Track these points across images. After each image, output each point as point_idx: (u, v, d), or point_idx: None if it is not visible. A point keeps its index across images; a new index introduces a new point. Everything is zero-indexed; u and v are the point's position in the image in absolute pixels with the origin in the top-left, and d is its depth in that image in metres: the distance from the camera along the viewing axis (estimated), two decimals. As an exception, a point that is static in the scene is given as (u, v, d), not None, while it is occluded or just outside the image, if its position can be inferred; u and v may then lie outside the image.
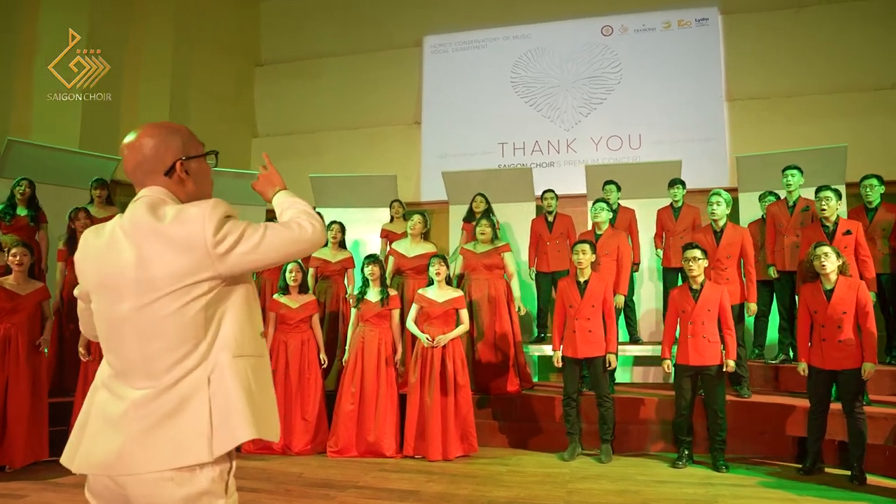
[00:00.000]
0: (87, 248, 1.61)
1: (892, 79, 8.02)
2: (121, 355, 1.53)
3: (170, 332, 1.50)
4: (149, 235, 1.50)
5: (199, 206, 1.53)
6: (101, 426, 1.51)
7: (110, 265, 1.53)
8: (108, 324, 1.55)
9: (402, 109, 9.77)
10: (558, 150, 9.20)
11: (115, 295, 1.52)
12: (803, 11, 8.34)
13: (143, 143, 1.61)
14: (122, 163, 1.65)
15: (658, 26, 8.93)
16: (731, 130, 8.56)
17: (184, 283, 1.50)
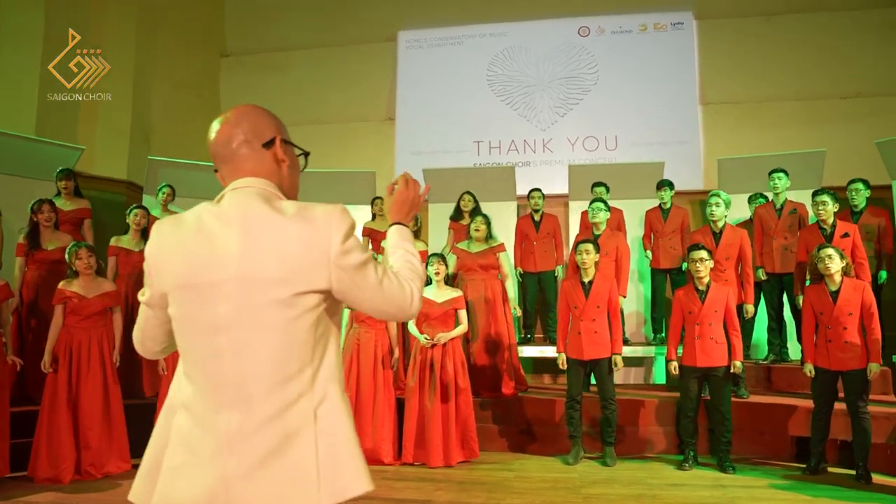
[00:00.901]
0: (164, 240, 1.32)
1: (855, 88, 8.29)
2: (210, 371, 1.26)
3: (276, 346, 1.25)
4: (264, 227, 1.26)
5: (326, 207, 1.33)
6: (185, 459, 1.25)
7: (204, 260, 1.26)
8: (195, 332, 1.27)
9: (375, 105, 9.52)
10: (534, 149, 9.15)
11: (209, 296, 1.25)
12: (773, 20, 8.54)
13: (242, 113, 1.40)
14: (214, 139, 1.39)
15: (634, 29, 8.99)
16: (704, 134, 8.69)
17: (297, 290, 1.25)
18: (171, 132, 8.70)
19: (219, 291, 1.25)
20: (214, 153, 1.40)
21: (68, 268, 4.63)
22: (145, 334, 1.43)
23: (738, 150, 7.90)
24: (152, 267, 1.34)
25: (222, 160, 1.39)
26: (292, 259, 1.25)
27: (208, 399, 1.26)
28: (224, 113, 1.41)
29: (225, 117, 1.40)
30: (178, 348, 1.34)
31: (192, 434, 1.26)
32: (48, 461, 4.39)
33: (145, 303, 1.39)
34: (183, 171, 7.33)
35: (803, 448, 4.96)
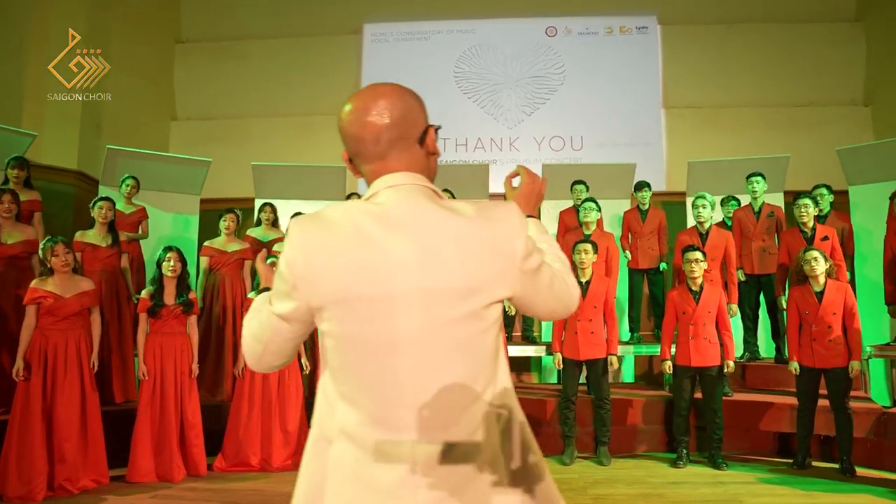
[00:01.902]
0: (314, 246, 1.11)
1: (808, 98, 8.69)
2: (385, 395, 1.10)
3: (465, 364, 1.11)
4: (442, 231, 1.11)
5: (503, 205, 1.18)
6: (358, 495, 1.10)
7: (371, 270, 1.09)
8: (364, 351, 1.11)
9: (338, 99, 9.01)
10: (501, 147, 9.15)
11: (382, 311, 1.09)
12: (733, 28, 8.83)
13: (393, 104, 1.19)
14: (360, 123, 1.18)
15: (601, 31, 9.11)
16: (667, 136, 8.90)
17: (486, 301, 1.12)
18: (123, 120, 8.22)
19: (394, 305, 1.09)
20: (358, 150, 1.21)
21: (42, 265, 4.27)
22: (269, 348, 1.21)
23: (699, 154, 8.11)
24: (300, 277, 1.12)
25: (367, 157, 1.20)
26: (479, 266, 1.11)
27: (382, 426, 1.10)
28: (365, 98, 1.20)
29: (372, 107, 1.18)
30: (334, 369, 1.14)
31: (362, 466, 1.10)
32: (18, 477, 4.03)
33: (283, 316, 1.16)
34: (144, 161, 6.92)
35: (785, 444, 5.16)
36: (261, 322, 1.21)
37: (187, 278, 4.73)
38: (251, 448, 4.76)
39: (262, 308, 1.21)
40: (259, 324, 1.21)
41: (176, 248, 4.74)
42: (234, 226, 5.92)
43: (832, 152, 6.81)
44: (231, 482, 4.47)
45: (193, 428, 4.58)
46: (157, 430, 4.49)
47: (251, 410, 4.81)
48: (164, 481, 4.43)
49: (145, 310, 4.53)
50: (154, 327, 4.57)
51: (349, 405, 1.13)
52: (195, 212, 7.38)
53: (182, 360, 4.59)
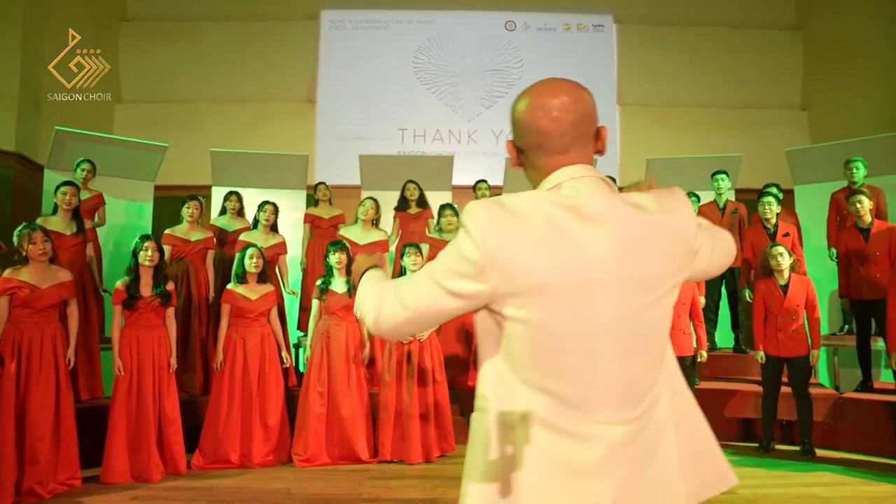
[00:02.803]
0: (509, 233, 1.11)
1: (750, 100, 9.12)
2: (581, 379, 1.13)
3: (654, 347, 1.18)
4: (634, 224, 1.14)
5: (675, 194, 1.22)
6: (557, 476, 1.12)
7: (569, 258, 1.11)
8: (562, 337, 1.12)
9: (294, 86, 9.06)
10: (459, 140, 9.17)
11: (582, 297, 1.11)
12: (685, 30, 9.16)
13: (585, 96, 1.21)
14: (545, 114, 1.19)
15: (558, 27, 9.26)
16: (621, 133, 9.16)
17: (671, 286, 1.18)
18: (64, 103, 7.74)
19: (593, 293, 1.11)
20: (541, 143, 1.20)
21: (17, 253, 3.99)
22: (419, 318, 1.21)
23: (651, 151, 8.40)
24: (491, 262, 1.11)
25: (550, 150, 1.20)
26: (669, 257, 1.17)
27: (576, 409, 1.13)
28: (549, 92, 1.20)
29: (558, 102, 1.18)
30: (519, 355, 1.15)
31: (558, 449, 1.12)
32: (-15, 480, 3.78)
33: (458, 293, 1.15)
34: (95, 145, 6.55)
35: (747, 429, 5.44)
36: (417, 291, 1.20)
37: (164, 269, 4.53)
38: (231, 444, 4.62)
39: (422, 278, 1.20)
40: (414, 292, 1.20)
41: (152, 237, 4.53)
42: (199, 213, 5.71)
43: (774, 152, 7.21)
44: (213, 479, 4.33)
45: (173, 424, 4.40)
46: (134, 428, 4.29)
47: (231, 405, 4.67)
48: (140, 481, 4.24)
49: (121, 302, 4.31)
50: (129, 320, 4.36)
51: (536, 390, 1.14)
52: (149, 199, 7.07)
53: (160, 355, 4.40)
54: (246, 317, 4.80)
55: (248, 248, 4.90)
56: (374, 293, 1.28)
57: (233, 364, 4.72)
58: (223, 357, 4.75)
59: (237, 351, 4.75)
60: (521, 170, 1.31)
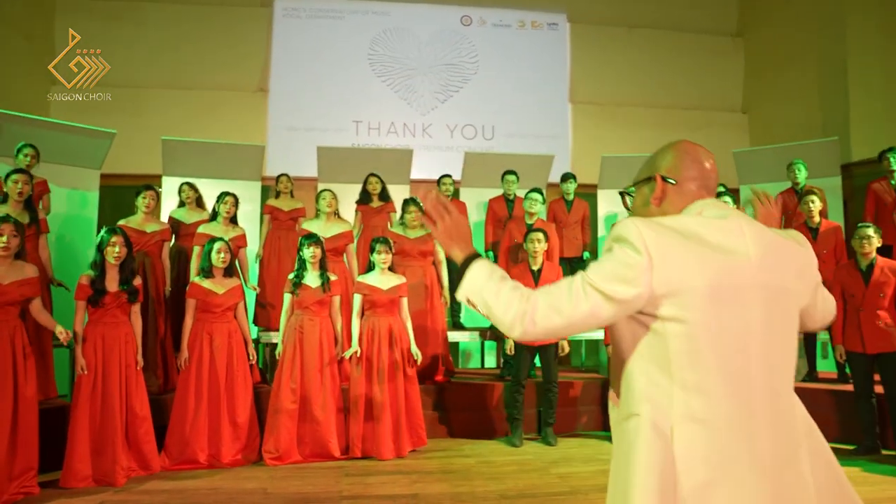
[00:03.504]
0: (669, 240, 1.25)
1: (694, 102, 9.48)
2: (738, 378, 1.22)
3: (792, 350, 1.31)
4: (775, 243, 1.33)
5: (799, 235, 1.43)
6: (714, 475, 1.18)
7: (728, 263, 1.25)
8: (721, 337, 1.22)
9: (245, 74, 8.79)
10: (414, 133, 9.13)
11: (740, 301, 1.24)
12: (634, 32, 9.42)
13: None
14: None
15: (514, 24, 9.34)
16: (573, 130, 9.33)
17: (801, 304, 1.37)
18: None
19: (749, 297, 1.24)
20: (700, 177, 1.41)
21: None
22: (575, 326, 1.29)
23: (602, 148, 8.60)
24: (655, 264, 1.22)
25: (706, 188, 1.41)
26: (799, 278, 1.34)
27: (733, 408, 1.20)
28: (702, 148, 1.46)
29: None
30: (678, 353, 1.22)
31: (716, 448, 1.19)
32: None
33: (616, 298, 1.24)
34: (37, 129, 6.14)
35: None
36: (574, 298, 1.27)
37: (132, 263, 4.31)
38: (198, 444, 4.45)
39: (577, 286, 1.28)
40: (571, 299, 1.27)
41: (120, 231, 4.30)
42: (154, 204, 5.46)
43: (717, 153, 7.45)
44: (183, 481, 4.17)
45: (143, 423, 4.21)
46: (98, 430, 4.07)
47: (198, 404, 4.50)
48: (103, 485, 4.03)
49: (85, 297, 4.08)
50: (94, 316, 4.13)
51: (692, 391, 1.21)
52: (94, 188, 6.70)
53: (127, 352, 4.19)
54: (212, 311, 4.63)
55: (215, 241, 4.72)
56: (515, 300, 1.31)
57: (199, 361, 4.55)
58: (188, 354, 4.57)
59: (203, 347, 4.58)
60: (478, 164, 1.44)
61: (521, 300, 1.30)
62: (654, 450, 1.19)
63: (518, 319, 1.29)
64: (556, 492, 4.00)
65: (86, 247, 6.49)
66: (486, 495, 3.93)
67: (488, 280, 1.36)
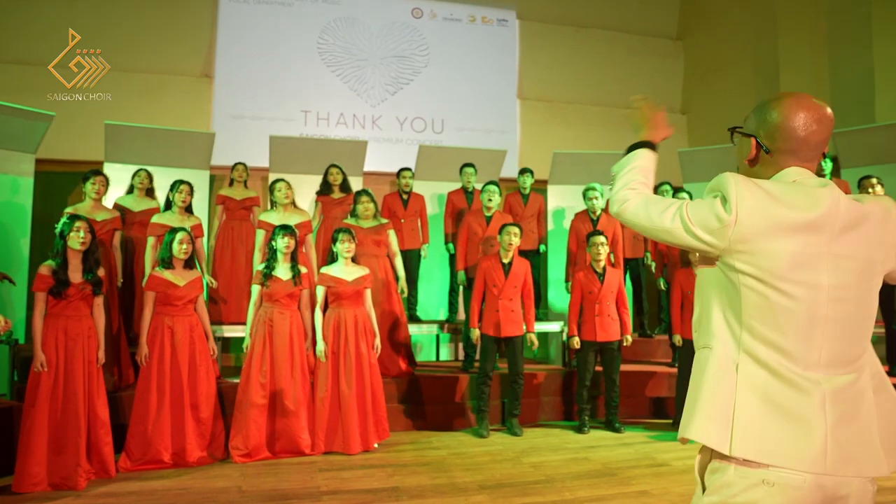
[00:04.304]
0: (759, 204, 1.35)
1: (636, 100, 9.78)
2: (799, 336, 1.32)
3: (865, 318, 1.39)
4: (851, 210, 1.37)
5: (886, 200, 1.47)
6: (766, 412, 1.30)
7: (801, 231, 1.35)
8: (787, 298, 1.33)
9: (188, 59, 8.42)
10: (363, 125, 9.02)
11: (807, 265, 1.34)
12: (581, 31, 9.63)
13: (832, 117, 1.46)
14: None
15: (464, 18, 9.36)
16: (521, 126, 9.46)
17: (883, 270, 1.43)
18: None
19: (817, 263, 1.33)
20: (795, 149, 1.43)
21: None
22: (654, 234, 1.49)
23: (549, 145, 8.78)
24: (740, 223, 1.35)
25: (799, 157, 1.44)
26: (878, 244, 1.39)
27: (794, 361, 1.32)
28: (812, 107, 1.43)
29: (820, 118, 1.43)
30: (750, 306, 1.35)
31: (773, 390, 1.31)
32: None
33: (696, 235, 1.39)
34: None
35: (658, 407, 5.89)
36: (664, 215, 1.44)
37: (96, 252, 4.06)
38: (162, 443, 4.26)
39: (673, 208, 1.43)
40: (661, 215, 1.44)
41: (83, 217, 4.05)
42: (105, 190, 5.19)
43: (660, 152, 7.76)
44: (149, 482, 3.98)
45: (104, 425, 3.99)
46: (58, 431, 3.83)
47: (160, 401, 4.30)
48: (62, 489, 3.80)
49: (46, 289, 3.82)
50: (55, 309, 3.87)
51: (758, 339, 1.34)
52: (29, 174, 6.27)
53: (90, 348, 3.96)
54: (173, 304, 4.43)
55: (177, 231, 4.51)
56: (630, 181, 1.53)
57: (160, 356, 4.34)
58: (147, 349, 4.36)
59: (165, 342, 4.37)
60: (431, 157, 1.48)
61: (630, 190, 1.51)
62: (720, 378, 1.35)
63: (619, 201, 1.51)
64: (533, 480, 4.07)
65: (20, 235, 6.09)
66: (465, 486, 3.95)
67: (636, 162, 1.58)
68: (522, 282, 5.21)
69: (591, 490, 3.87)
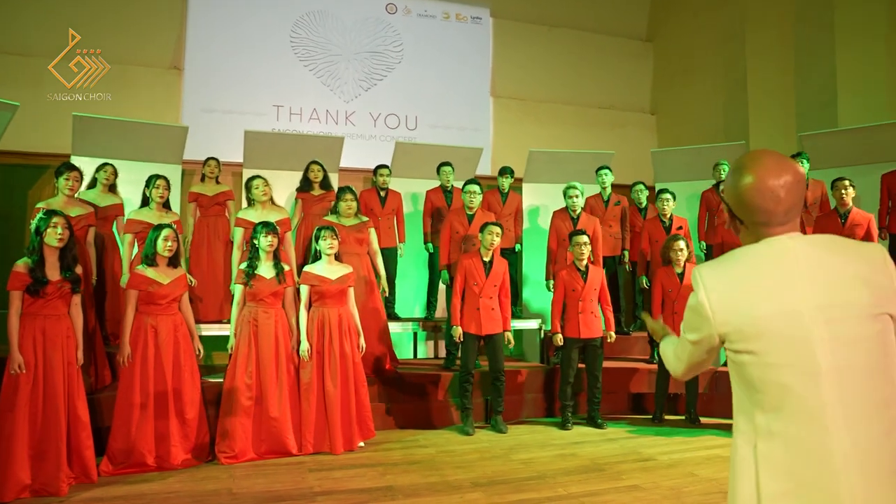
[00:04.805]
0: (731, 286, 1.38)
1: (608, 101, 9.93)
2: (809, 403, 1.28)
3: (876, 362, 1.31)
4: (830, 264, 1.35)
5: (871, 246, 1.43)
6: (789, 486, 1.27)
7: (779, 303, 1.33)
8: (780, 368, 1.31)
9: (157, 50, 8.19)
10: (336, 121, 8.92)
11: (799, 335, 1.31)
12: (554, 31, 9.71)
13: (801, 172, 1.42)
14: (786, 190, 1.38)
15: (438, 15, 9.34)
16: (494, 124, 9.49)
17: (873, 313, 1.33)
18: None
19: (805, 321, 1.31)
20: (766, 221, 1.39)
21: None
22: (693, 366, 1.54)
23: (522, 143, 8.85)
24: (716, 312, 1.38)
25: (772, 224, 1.40)
26: (871, 284, 1.35)
27: (809, 427, 1.28)
28: (771, 173, 1.37)
29: (785, 184, 1.36)
30: (754, 380, 1.35)
31: (794, 462, 1.27)
32: None
33: (694, 341, 1.47)
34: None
35: (637, 403, 5.99)
36: (681, 348, 1.53)
37: (74, 248, 3.92)
38: (146, 445, 4.14)
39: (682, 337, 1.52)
40: (681, 349, 1.54)
41: (61, 212, 3.90)
42: (79, 185, 5.02)
43: (632, 151, 7.94)
44: (135, 485, 3.86)
45: (85, 428, 3.85)
46: (39, 435, 3.68)
47: (144, 402, 4.18)
48: (43, 495, 3.66)
49: (23, 287, 3.66)
50: (32, 308, 3.72)
51: (770, 410, 1.31)
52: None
53: (69, 348, 3.82)
54: (157, 303, 4.31)
55: (163, 227, 4.39)
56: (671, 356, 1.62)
57: (144, 356, 4.22)
58: (130, 350, 4.23)
59: (148, 342, 4.25)
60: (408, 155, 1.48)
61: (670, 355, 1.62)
62: (745, 459, 1.34)
63: (672, 370, 1.62)
64: (525, 477, 4.09)
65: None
66: (458, 483, 3.96)
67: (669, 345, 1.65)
68: (501, 280, 5.24)
69: (584, 485, 3.92)
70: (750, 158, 1.41)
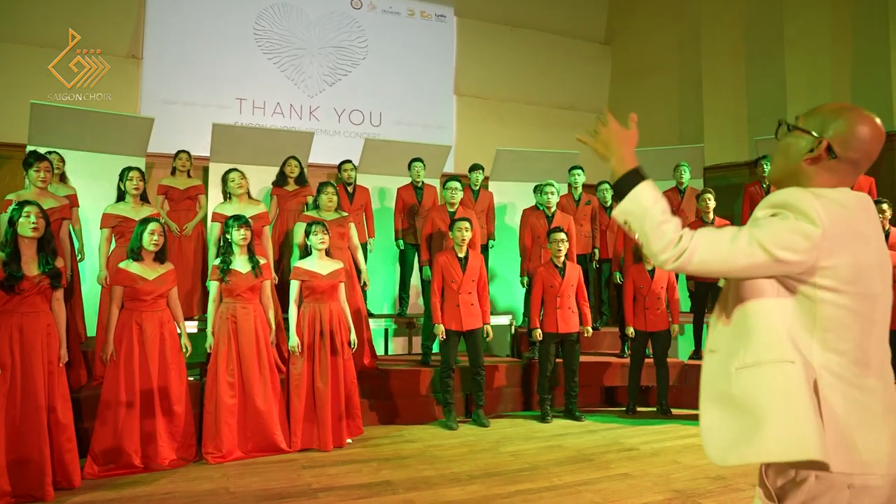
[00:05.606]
0: (837, 217, 1.39)
1: (568, 102, 10.14)
2: (864, 341, 1.40)
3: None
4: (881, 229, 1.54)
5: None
6: (848, 418, 1.36)
7: (865, 241, 1.42)
8: (858, 305, 1.40)
9: (114, 37, 7.86)
10: (300, 115, 8.80)
11: (871, 274, 1.42)
12: (517, 31, 9.84)
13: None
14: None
15: (403, 12, 9.32)
16: (457, 122, 9.55)
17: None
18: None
19: (873, 272, 1.43)
20: (859, 163, 1.48)
21: None
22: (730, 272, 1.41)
23: (484, 142, 8.97)
24: (827, 237, 1.38)
25: (858, 171, 1.50)
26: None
27: (860, 366, 1.39)
28: (881, 129, 1.47)
29: (881, 145, 1.47)
30: (825, 318, 1.39)
31: (848, 395, 1.37)
32: None
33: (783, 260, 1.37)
34: None
35: (610, 395, 6.17)
36: (737, 250, 1.38)
37: (52, 241, 3.75)
38: (132, 445, 4.01)
39: (744, 241, 1.38)
40: (734, 251, 1.38)
41: (34, 202, 3.73)
42: (50, 176, 4.80)
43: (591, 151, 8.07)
44: (126, 488, 3.73)
45: (66, 430, 3.67)
46: (19, 439, 3.51)
47: (129, 401, 4.04)
48: (28, 502, 3.50)
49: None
50: (8, 306, 3.54)
51: (831, 351, 1.39)
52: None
53: (50, 346, 3.65)
54: (142, 300, 4.18)
55: (149, 221, 4.25)
56: (676, 237, 1.39)
57: (129, 354, 4.09)
58: (114, 347, 4.09)
59: (133, 339, 4.12)
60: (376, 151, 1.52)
61: (682, 238, 1.39)
62: (796, 395, 1.36)
63: (674, 255, 1.38)
64: (517, 469, 4.17)
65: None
66: (455, 477, 4.00)
67: (653, 207, 1.43)
68: (478, 275, 5.31)
69: (576, 475, 4.03)
70: (856, 107, 1.47)
